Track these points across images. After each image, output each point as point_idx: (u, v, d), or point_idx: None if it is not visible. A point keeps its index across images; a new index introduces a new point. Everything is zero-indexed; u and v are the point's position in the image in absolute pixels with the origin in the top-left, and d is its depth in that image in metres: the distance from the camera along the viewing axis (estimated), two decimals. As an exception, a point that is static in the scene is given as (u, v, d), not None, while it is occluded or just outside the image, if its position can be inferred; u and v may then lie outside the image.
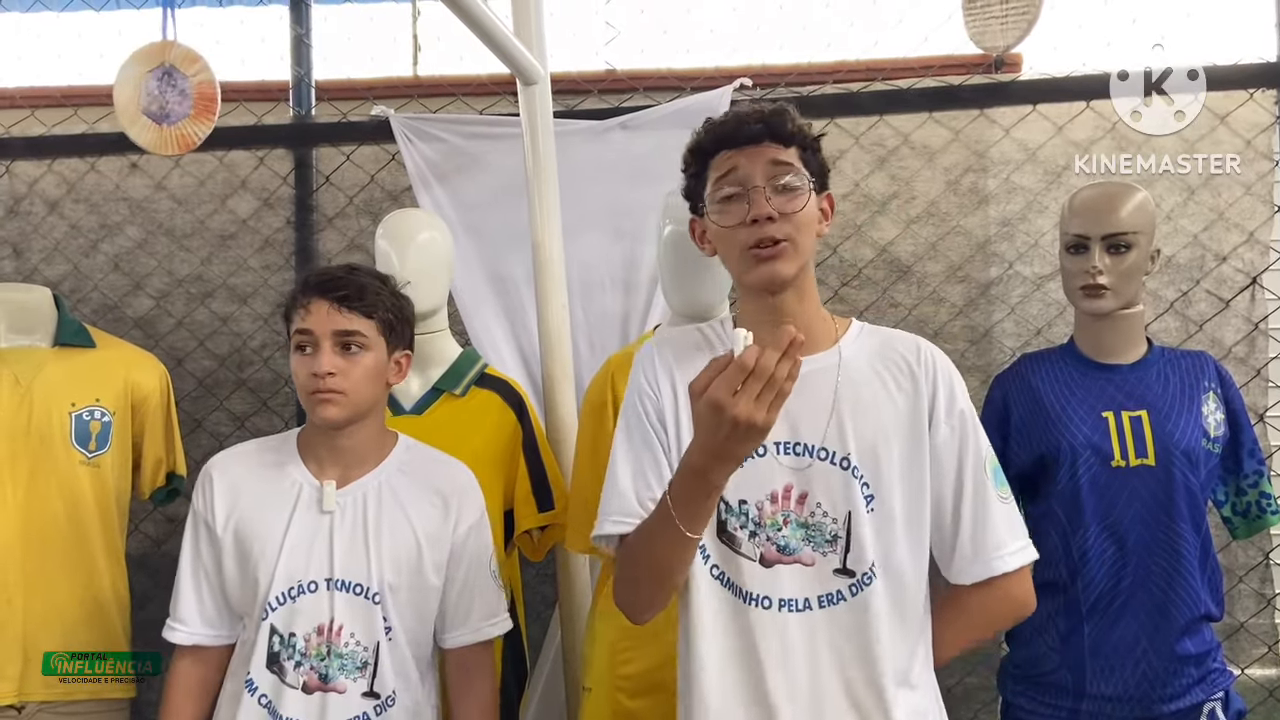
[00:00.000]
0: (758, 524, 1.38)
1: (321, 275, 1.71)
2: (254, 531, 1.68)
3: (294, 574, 1.65)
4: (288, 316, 1.71)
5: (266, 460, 1.75)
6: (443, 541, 1.72)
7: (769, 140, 1.40)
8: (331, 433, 1.70)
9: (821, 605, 1.37)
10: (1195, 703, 1.90)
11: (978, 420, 1.45)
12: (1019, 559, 1.43)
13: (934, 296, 2.97)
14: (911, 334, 1.49)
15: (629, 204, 2.84)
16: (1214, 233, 2.82)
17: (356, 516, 1.69)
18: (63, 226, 3.32)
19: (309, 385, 1.65)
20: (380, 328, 1.70)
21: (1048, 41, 2.94)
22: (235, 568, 1.69)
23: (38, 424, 2.09)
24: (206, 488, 1.73)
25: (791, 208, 1.38)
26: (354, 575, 1.65)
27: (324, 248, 3.23)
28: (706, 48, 3.26)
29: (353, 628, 1.65)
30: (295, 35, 3.26)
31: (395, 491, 1.72)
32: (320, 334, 1.65)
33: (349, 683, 1.64)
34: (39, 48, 3.66)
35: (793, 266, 1.39)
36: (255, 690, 1.64)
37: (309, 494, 1.70)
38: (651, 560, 1.36)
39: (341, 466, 1.71)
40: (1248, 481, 2.03)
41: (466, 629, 1.75)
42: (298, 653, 1.64)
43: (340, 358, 1.66)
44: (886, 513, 1.38)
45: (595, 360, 2.74)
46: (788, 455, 1.39)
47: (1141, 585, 1.89)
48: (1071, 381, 1.99)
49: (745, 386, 1.16)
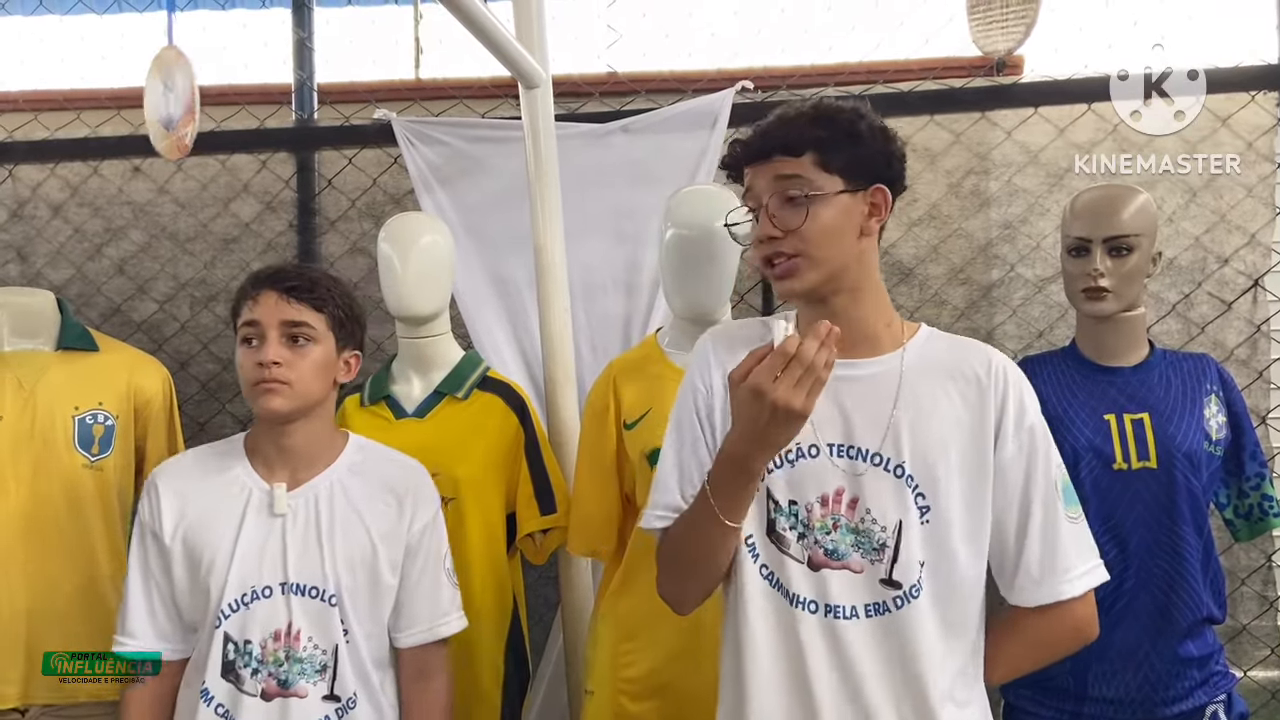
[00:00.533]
0: (806, 526, 1.36)
1: (270, 269, 1.69)
2: (204, 538, 1.65)
3: (247, 579, 1.62)
4: (235, 312, 1.68)
5: (213, 466, 1.71)
6: (397, 540, 1.70)
7: (777, 153, 1.36)
8: (279, 432, 1.67)
9: (868, 614, 1.34)
10: (1198, 705, 1.90)
11: (1049, 436, 1.40)
12: (1086, 583, 1.38)
13: (936, 299, 2.97)
14: (985, 344, 1.45)
15: (631, 207, 2.84)
16: (1215, 235, 2.83)
17: (309, 518, 1.66)
18: (66, 230, 3.33)
19: (253, 376, 1.61)
20: (330, 322, 1.68)
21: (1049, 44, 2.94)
22: (186, 576, 1.66)
23: (41, 427, 2.09)
24: (152, 497, 1.69)
25: (792, 222, 1.34)
26: (309, 578, 1.63)
27: (326, 251, 3.24)
28: (708, 50, 3.27)
29: (310, 631, 1.63)
30: (297, 39, 3.26)
31: (347, 492, 1.70)
32: (267, 324, 1.62)
33: (309, 687, 1.62)
34: (42, 51, 3.67)
35: (808, 279, 1.35)
36: (211, 700, 1.61)
37: (259, 497, 1.67)
38: (693, 550, 1.39)
39: (291, 468, 1.68)
40: (1250, 484, 2.03)
41: (421, 628, 1.73)
42: (254, 660, 1.61)
43: (287, 349, 1.63)
44: (943, 525, 1.34)
45: (597, 363, 2.74)
46: (842, 458, 1.36)
47: (1144, 588, 1.89)
48: (1073, 384, 1.99)
49: (785, 372, 1.21)
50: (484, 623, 2.06)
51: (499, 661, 2.09)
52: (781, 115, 1.39)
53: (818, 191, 1.34)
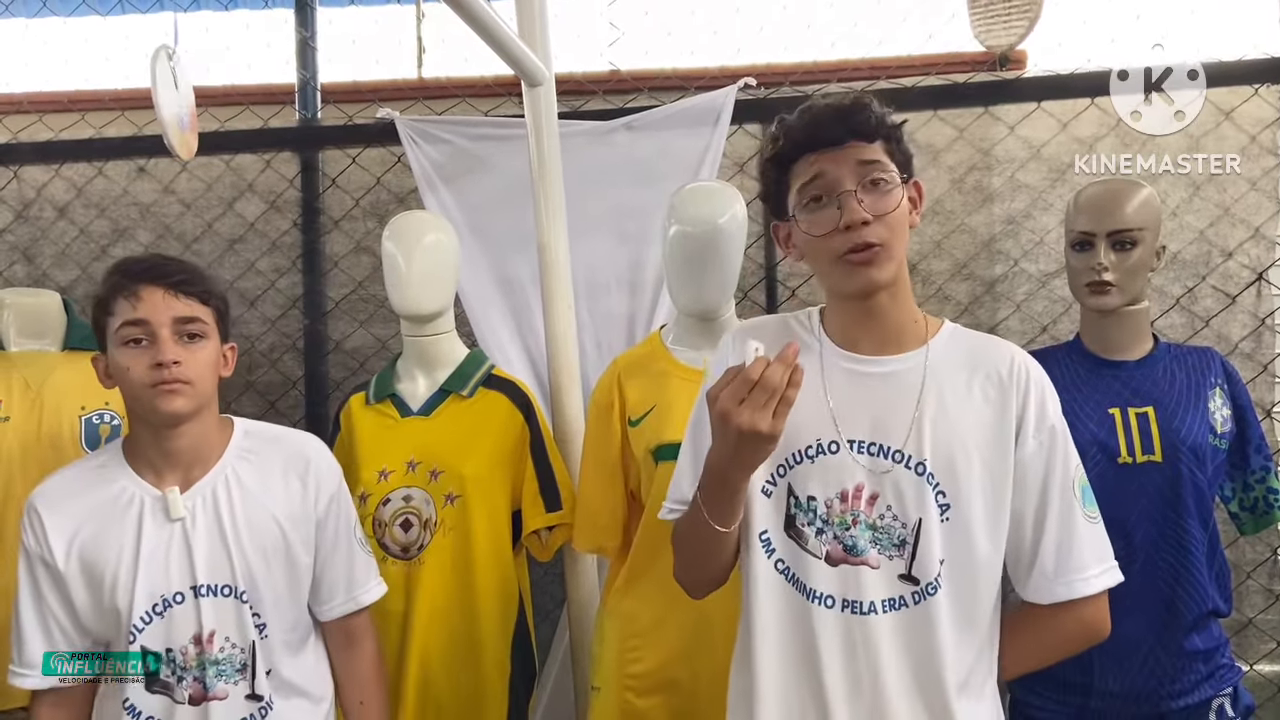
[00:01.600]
0: (825, 521, 1.36)
1: (146, 262, 1.59)
2: (102, 556, 1.56)
3: (156, 590, 1.56)
4: (106, 309, 1.58)
5: (95, 480, 1.61)
6: (306, 518, 1.66)
7: (853, 139, 1.35)
8: (168, 435, 1.58)
9: (885, 609, 1.34)
10: (1204, 699, 1.90)
11: (1069, 436, 1.40)
12: (1101, 582, 1.39)
13: (939, 294, 2.97)
14: (1007, 342, 1.45)
15: (634, 205, 2.84)
16: (1219, 228, 2.82)
17: (209, 516, 1.60)
18: (72, 231, 3.34)
19: (150, 378, 1.52)
20: (215, 315, 1.62)
21: (1052, 38, 2.94)
22: (88, 598, 1.58)
23: (48, 427, 2.10)
24: (35, 525, 1.58)
25: (885, 207, 1.33)
26: (219, 577, 1.58)
27: (331, 250, 3.24)
28: (710, 48, 3.27)
29: (225, 631, 1.58)
30: (300, 39, 3.27)
31: (243, 481, 1.63)
32: (157, 322, 1.53)
33: (230, 687, 1.58)
34: (46, 53, 3.68)
35: (888, 271, 1.34)
36: (139, 714, 1.57)
37: (152, 505, 1.59)
38: (693, 547, 1.42)
39: (181, 468, 1.61)
40: (1255, 477, 2.03)
41: (343, 598, 1.71)
42: (179, 667, 1.57)
43: (181, 346, 1.55)
44: (963, 522, 1.34)
45: (601, 361, 2.75)
46: (863, 455, 1.36)
47: (1149, 582, 1.89)
48: (1077, 378, 1.98)
49: (750, 397, 1.21)
50: (490, 620, 2.06)
51: (505, 659, 2.09)
52: (842, 105, 1.36)
53: (897, 179, 1.35)
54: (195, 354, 1.56)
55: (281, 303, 3.24)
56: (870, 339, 1.41)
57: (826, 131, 1.35)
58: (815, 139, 1.36)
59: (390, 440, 2.10)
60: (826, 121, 1.35)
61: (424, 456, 2.08)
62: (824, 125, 1.35)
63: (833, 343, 1.43)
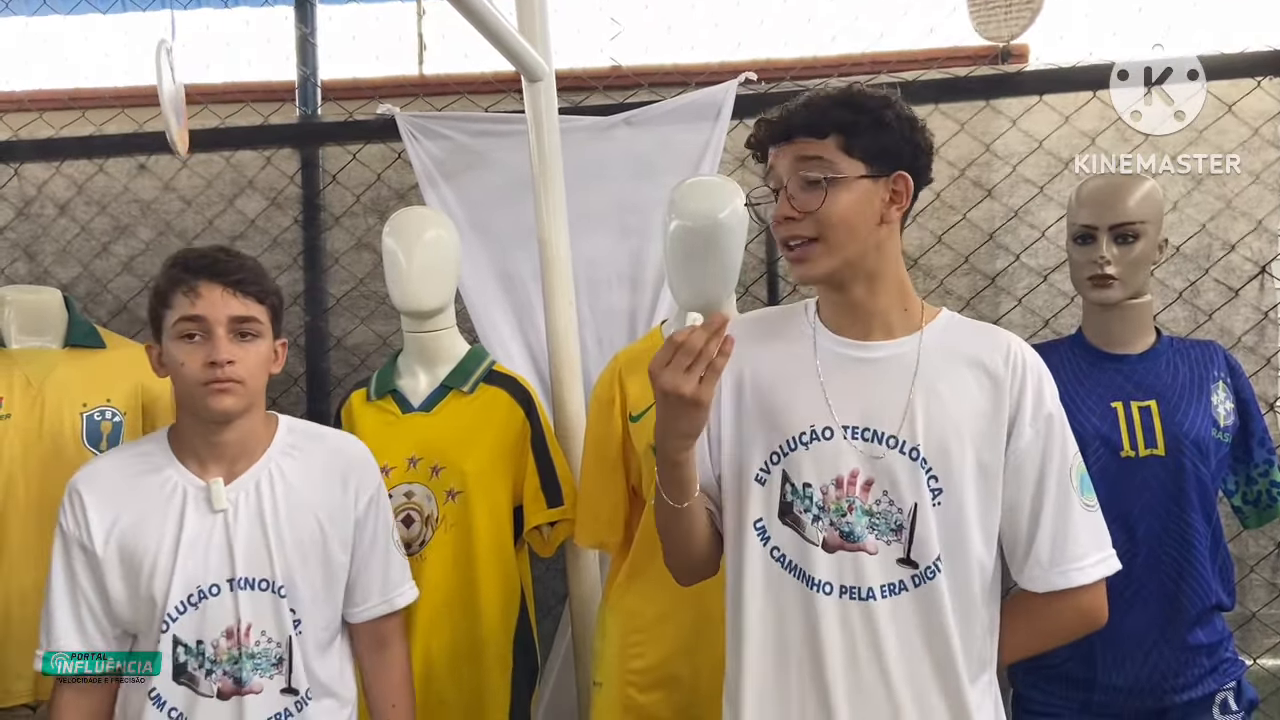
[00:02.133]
0: (821, 508, 1.36)
1: (205, 258, 1.59)
2: (141, 544, 1.57)
3: (193, 580, 1.56)
4: (164, 302, 1.58)
5: (139, 468, 1.62)
6: (345, 518, 1.67)
7: (801, 134, 1.36)
8: (213, 429, 1.60)
9: (885, 594, 1.34)
10: (1207, 693, 1.90)
11: (1066, 424, 1.41)
12: (1097, 571, 1.39)
13: (941, 288, 2.97)
14: (1005, 331, 1.45)
15: (635, 200, 2.84)
16: (1222, 221, 2.81)
17: (251, 510, 1.61)
18: (73, 228, 3.34)
19: (204, 375, 1.53)
20: (270, 314, 1.63)
21: (1054, 31, 2.93)
22: (123, 585, 1.58)
23: (50, 425, 2.10)
24: (76, 507, 1.59)
25: (810, 204, 1.33)
26: (257, 571, 1.59)
27: (332, 246, 3.24)
28: (711, 43, 3.26)
29: (262, 625, 1.59)
30: (300, 35, 3.27)
31: (286, 476, 1.64)
32: (214, 320, 1.55)
33: (265, 681, 1.59)
34: (45, 50, 3.68)
35: (823, 265, 1.35)
36: (164, 704, 1.57)
37: (195, 495, 1.60)
38: (662, 529, 1.44)
39: (226, 461, 1.62)
40: (1258, 470, 2.03)
41: (377, 600, 1.72)
42: (208, 660, 1.57)
43: (236, 345, 1.56)
44: (956, 508, 1.35)
45: (603, 357, 2.74)
46: (857, 440, 1.36)
47: (1152, 576, 1.88)
48: (1080, 372, 1.98)
49: (674, 360, 1.23)
50: (492, 616, 2.07)
51: (507, 654, 2.09)
52: (809, 98, 1.38)
53: (838, 175, 1.34)
54: (249, 352, 1.58)
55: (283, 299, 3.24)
56: (859, 326, 1.42)
57: (775, 127, 1.38)
58: (770, 134, 1.39)
59: (391, 436, 2.10)
60: (783, 115, 1.38)
61: (425, 452, 2.08)
62: (779, 118, 1.38)
63: (826, 329, 1.43)
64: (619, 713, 1.94)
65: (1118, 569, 1.41)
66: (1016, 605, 1.44)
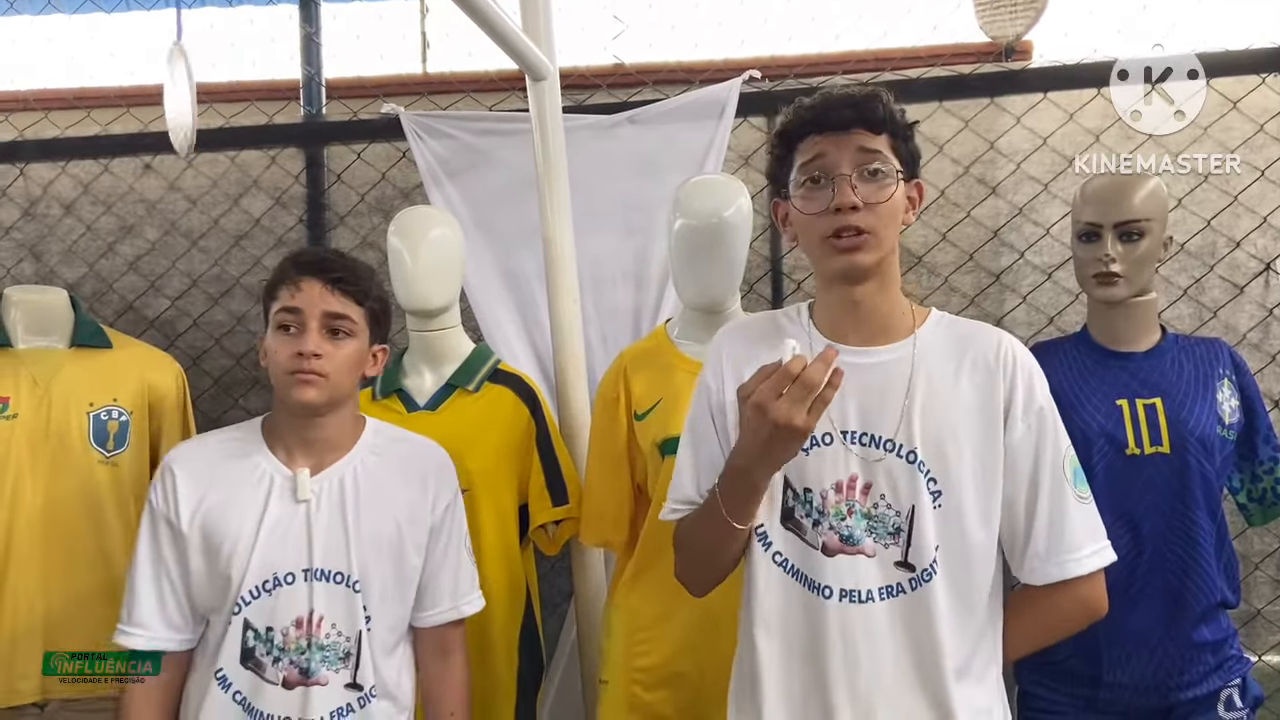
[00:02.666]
0: (821, 512, 1.38)
1: (314, 255, 1.68)
2: (224, 525, 1.62)
3: (269, 566, 1.60)
4: (271, 294, 1.66)
5: (231, 451, 1.68)
6: (422, 521, 1.70)
7: (859, 127, 1.37)
8: (303, 422, 1.65)
9: (883, 597, 1.36)
10: (1212, 690, 1.90)
11: (1059, 418, 1.42)
12: (1094, 562, 1.40)
13: (946, 286, 2.97)
14: (995, 328, 1.47)
15: (639, 198, 2.84)
16: (1226, 219, 2.81)
17: (333, 503, 1.64)
18: (79, 228, 3.35)
19: (291, 365, 1.59)
20: (368, 316, 1.67)
21: (1058, 29, 2.93)
22: (203, 563, 1.62)
23: (56, 424, 2.11)
24: (167, 483, 1.65)
25: (878, 197, 1.35)
26: (333, 564, 1.62)
27: (336, 245, 3.25)
28: (714, 41, 3.26)
29: (333, 618, 1.61)
30: (305, 34, 3.27)
31: (370, 475, 1.68)
32: (309, 314, 1.61)
33: (331, 674, 1.60)
34: (50, 50, 3.69)
35: (873, 258, 1.36)
36: (229, 686, 1.60)
37: (281, 483, 1.64)
38: (704, 543, 1.44)
39: (314, 454, 1.67)
40: (1263, 468, 2.03)
41: (445, 606, 1.74)
42: (275, 648, 1.60)
43: (327, 340, 1.61)
44: (955, 508, 1.36)
45: (607, 355, 2.75)
46: (855, 445, 1.38)
47: (1157, 573, 1.88)
48: (1085, 370, 1.98)
49: (789, 391, 1.23)
50: (498, 614, 2.06)
51: (513, 652, 2.10)
52: (855, 93, 1.39)
53: (899, 171, 1.37)
54: (338, 350, 1.63)
55: (288, 299, 3.25)
56: (858, 330, 1.42)
57: (835, 114, 1.37)
58: (823, 120, 1.38)
59: (397, 435, 2.10)
60: (836, 105, 1.38)
61: (431, 451, 2.08)
62: (833, 108, 1.38)
63: (822, 335, 1.45)
64: (624, 711, 1.94)
65: (1114, 560, 1.42)
66: (1018, 600, 1.45)
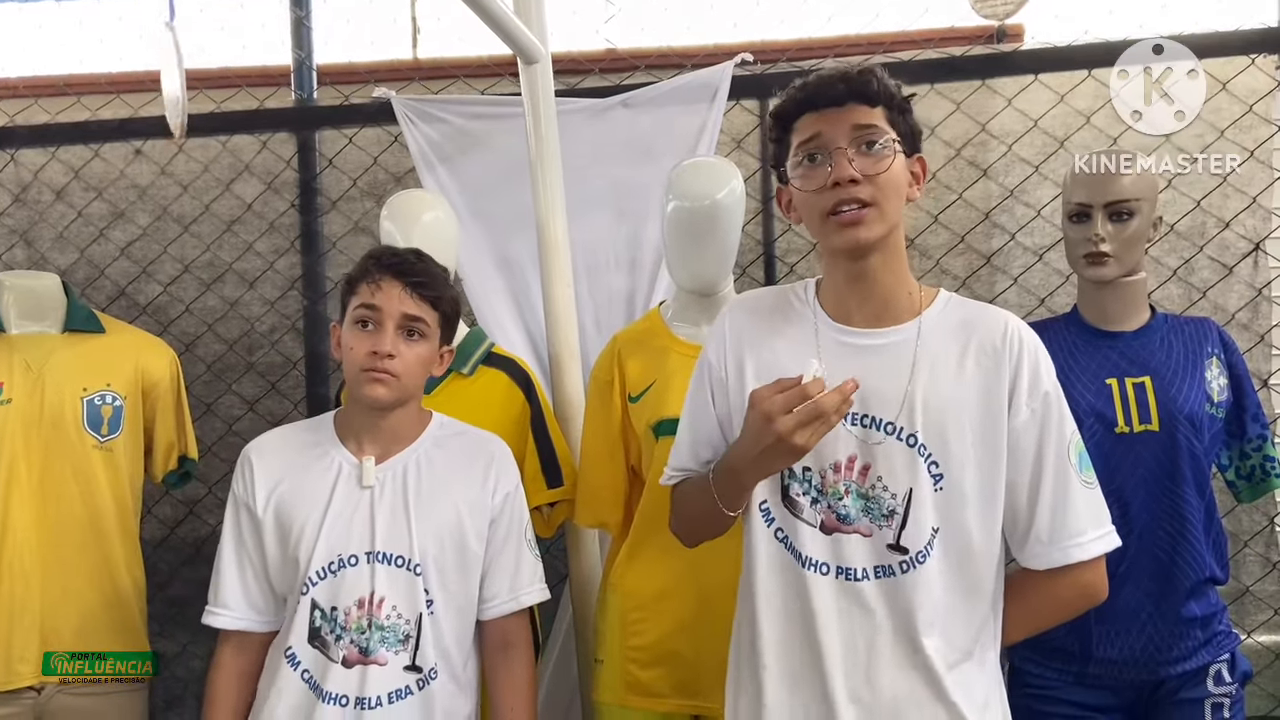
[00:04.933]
0: (820, 491, 1.39)
1: (396, 256, 1.73)
2: (294, 509, 1.70)
3: (334, 548, 1.67)
4: (352, 289, 1.72)
5: (304, 440, 1.77)
6: (483, 509, 1.75)
7: (853, 101, 1.37)
8: (373, 414, 1.72)
9: (876, 576, 1.37)
10: (1201, 665, 1.92)
11: (1064, 402, 1.42)
12: (1098, 547, 1.40)
13: (938, 268, 2.97)
14: (1003, 310, 1.47)
15: (632, 182, 2.84)
16: (1216, 199, 2.82)
17: (396, 490, 1.71)
18: (70, 214, 3.34)
19: (365, 362, 1.66)
20: (440, 320, 1.74)
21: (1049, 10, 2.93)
22: (276, 546, 1.71)
23: (50, 409, 2.11)
24: (246, 472, 1.75)
25: (876, 169, 1.35)
26: (395, 547, 1.67)
27: (329, 230, 3.24)
28: (706, 24, 3.26)
29: (394, 600, 1.66)
30: (295, 18, 3.26)
31: (433, 464, 1.75)
32: (387, 313, 1.67)
33: (390, 655, 1.65)
34: (40, 36, 3.67)
35: (876, 230, 1.36)
36: (298, 664, 1.66)
37: (349, 471, 1.72)
38: (695, 512, 1.51)
39: (381, 444, 1.74)
40: (1251, 446, 2.05)
41: (506, 596, 1.77)
42: (338, 626, 1.65)
43: (402, 341, 1.68)
44: (956, 492, 1.37)
45: (601, 338, 2.75)
46: (856, 426, 1.38)
47: (1146, 550, 1.90)
48: (1075, 349, 2.00)
49: (799, 410, 1.26)
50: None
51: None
52: (848, 70, 1.39)
53: (897, 142, 1.38)
54: (411, 350, 1.69)
55: (280, 284, 3.24)
56: (863, 309, 1.42)
57: (828, 90, 1.38)
58: (817, 97, 1.38)
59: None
60: (830, 81, 1.38)
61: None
62: (826, 85, 1.38)
63: (827, 315, 1.45)
64: (621, 689, 1.96)
65: (1117, 545, 1.43)
66: (1017, 584, 1.45)
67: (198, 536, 3.16)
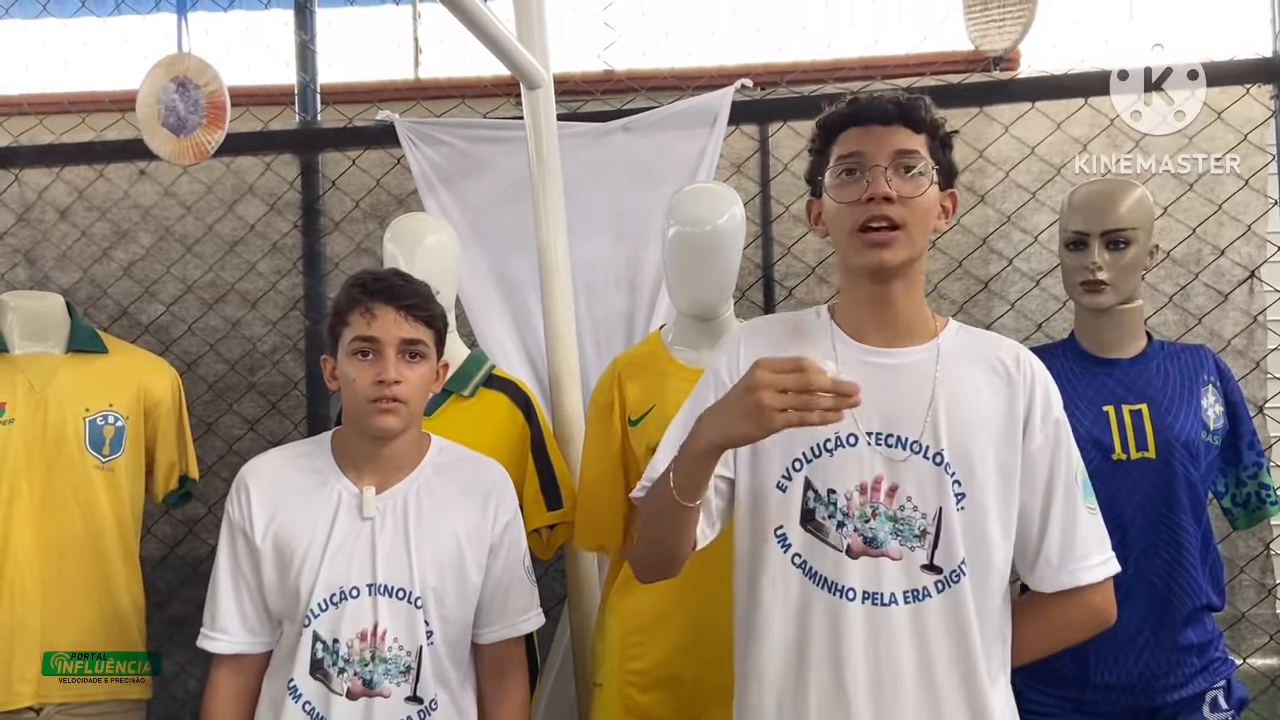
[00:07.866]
0: (846, 514, 1.38)
1: (381, 280, 1.69)
2: (294, 540, 1.67)
3: (336, 580, 1.65)
4: (342, 320, 1.68)
5: (302, 467, 1.74)
6: (483, 538, 1.73)
7: (899, 124, 1.38)
8: (375, 443, 1.70)
9: (908, 601, 1.36)
10: (1197, 691, 1.92)
11: (1070, 430, 1.44)
12: (1104, 570, 1.43)
13: (936, 293, 2.99)
14: (1010, 339, 1.49)
15: (632, 205, 2.85)
16: (1211, 227, 2.84)
17: (397, 521, 1.69)
18: (74, 234, 3.35)
19: (371, 393, 1.63)
20: (436, 337, 1.72)
21: (1046, 39, 2.96)
22: (275, 576, 1.69)
23: (53, 429, 2.12)
24: (242, 497, 1.72)
25: (911, 191, 1.36)
26: (396, 579, 1.66)
27: (331, 252, 3.25)
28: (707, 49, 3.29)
29: (395, 632, 1.65)
30: (300, 40, 3.28)
31: (433, 493, 1.73)
32: (386, 341, 1.65)
33: (393, 687, 1.64)
34: (45, 55, 3.69)
35: (901, 255, 1.37)
36: (300, 697, 1.64)
37: (349, 501, 1.70)
38: (656, 523, 1.41)
39: (381, 473, 1.71)
40: (1247, 473, 2.05)
41: (503, 624, 1.76)
42: (341, 659, 1.64)
43: (404, 365, 1.66)
44: (978, 511, 1.37)
45: (601, 360, 2.76)
46: (881, 446, 1.38)
47: (1143, 577, 1.91)
48: (1072, 376, 2.00)
49: (792, 389, 1.19)
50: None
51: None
52: (900, 93, 1.41)
53: (933, 171, 1.39)
54: (414, 373, 1.67)
55: (283, 304, 3.26)
56: (880, 331, 1.43)
57: (878, 108, 1.39)
58: (864, 113, 1.40)
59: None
60: (880, 100, 1.40)
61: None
62: (877, 103, 1.40)
63: (846, 335, 1.45)
64: (619, 713, 1.96)
65: (1119, 570, 1.45)
66: (1027, 606, 1.46)
67: (197, 556, 3.16)
